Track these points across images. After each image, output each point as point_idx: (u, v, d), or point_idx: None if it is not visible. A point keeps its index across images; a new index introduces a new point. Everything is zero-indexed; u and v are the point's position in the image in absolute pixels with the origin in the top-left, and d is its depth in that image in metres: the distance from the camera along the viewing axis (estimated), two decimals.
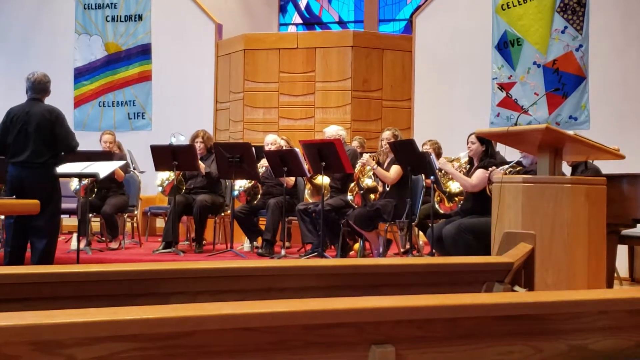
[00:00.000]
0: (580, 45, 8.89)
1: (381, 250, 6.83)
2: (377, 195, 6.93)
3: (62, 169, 6.19)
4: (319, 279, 2.68)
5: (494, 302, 2.03)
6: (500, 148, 5.99)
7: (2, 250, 6.32)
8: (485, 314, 1.96)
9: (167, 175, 7.60)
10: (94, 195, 7.59)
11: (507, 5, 9.33)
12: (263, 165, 7.48)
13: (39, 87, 6.08)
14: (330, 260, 3.89)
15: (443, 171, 6.23)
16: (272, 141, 7.59)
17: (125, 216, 8.11)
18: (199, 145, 7.62)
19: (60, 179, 7.91)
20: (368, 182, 6.94)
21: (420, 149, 6.67)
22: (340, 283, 2.69)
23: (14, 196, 5.64)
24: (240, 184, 7.57)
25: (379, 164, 6.89)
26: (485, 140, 5.81)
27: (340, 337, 1.81)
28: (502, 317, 1.97)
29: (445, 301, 1.95)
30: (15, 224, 6.02)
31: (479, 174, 5.70)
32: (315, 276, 2.68)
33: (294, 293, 2.54)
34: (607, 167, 5.68)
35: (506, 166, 5.39)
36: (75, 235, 7.50)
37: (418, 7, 10.29)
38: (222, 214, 7.90)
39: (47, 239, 6.02)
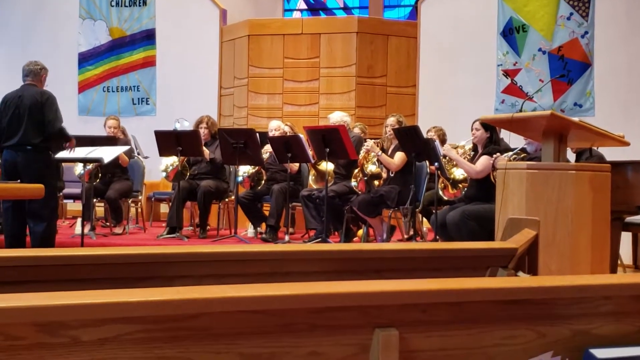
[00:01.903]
0: (586, 32, 8.85)
1: (385, 236, 6.84)
2: (381, 182, 6.92)
3: (66, 153, 6.20)
4: (322, 263, 2.67)
5: (498, 287, 2.03)
6: (505, 135, 5.97)
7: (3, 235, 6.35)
8: (489, 299, 1.96)
9: (171, 161, 7.61)
10: (98, 180, 7.60)
11: None
12: (267, 151, 7.47)
13: (31, 73, 6.15)
14: (334, 245, 3.90)
15: (447, 158, 6.21)
16: (276, 127, 7.58)
17: (130, 201, 8.12)
18: (203, 131, 7.61)
19: (65, 164, 7.95)
20: (372, 168, 6.93)
21: (424, 135, 6.65)
22: (344, 268, 2.69)
23: (19, 180, 5.64)
24: (244, 170, 7.57)
25: (383, 150, 6.88)
26: (490, 127, 5.80)
27: (345, 320, 1.81)
28: (506, 302, 1.97)
29: (449, 285, 1.95)
30: (12, 207, 6.04)
31: (483, 160, 5.70)
32: (319, 261, 2.68)
33: (298, 277, 2.53)
34: (612, 154, 5.66)
35: (510, 153, 5.38)
36: (79, 220, 7.51)
37: None
38: (226, 200, 7.91)
39: (45, 223, 6.04)
